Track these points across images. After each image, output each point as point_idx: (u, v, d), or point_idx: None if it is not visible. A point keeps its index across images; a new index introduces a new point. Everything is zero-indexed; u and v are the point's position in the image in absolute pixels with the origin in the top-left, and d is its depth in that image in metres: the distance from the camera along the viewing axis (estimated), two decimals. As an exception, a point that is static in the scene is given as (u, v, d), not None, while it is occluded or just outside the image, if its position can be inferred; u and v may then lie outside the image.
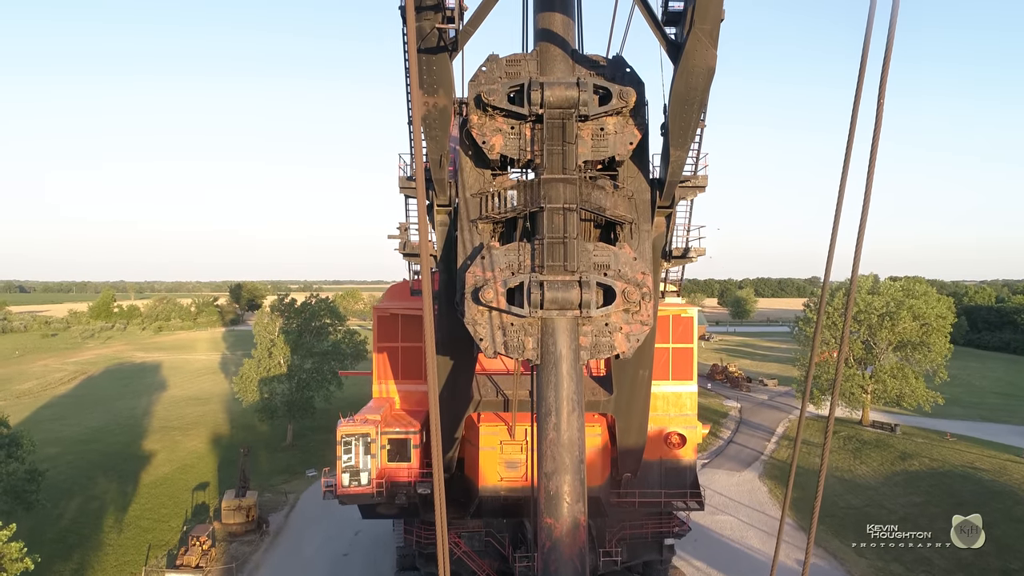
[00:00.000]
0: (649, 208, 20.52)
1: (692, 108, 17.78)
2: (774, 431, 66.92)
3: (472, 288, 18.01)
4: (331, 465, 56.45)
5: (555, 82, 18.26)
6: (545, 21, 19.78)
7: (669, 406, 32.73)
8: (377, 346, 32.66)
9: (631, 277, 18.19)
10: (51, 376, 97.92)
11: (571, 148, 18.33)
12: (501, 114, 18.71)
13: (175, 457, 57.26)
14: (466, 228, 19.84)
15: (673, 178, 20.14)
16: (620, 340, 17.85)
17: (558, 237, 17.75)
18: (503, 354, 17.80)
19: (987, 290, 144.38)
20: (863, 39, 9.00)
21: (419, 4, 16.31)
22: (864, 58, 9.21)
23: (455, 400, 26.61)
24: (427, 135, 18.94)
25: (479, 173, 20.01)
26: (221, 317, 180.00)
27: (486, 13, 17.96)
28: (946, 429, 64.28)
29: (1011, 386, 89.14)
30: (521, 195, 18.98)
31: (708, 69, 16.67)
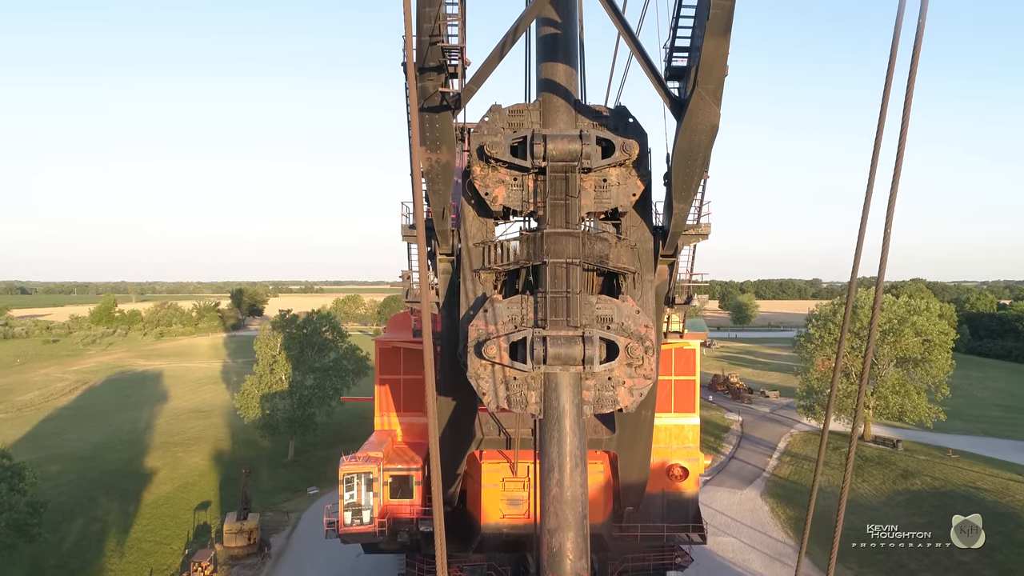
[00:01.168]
0: (652, 257, 20.50)
1: (695, 163, 17.76)
2: (776, 446, 66.79)
3: (475, 342, 18.01)
4: (332, 486, 56.54)
5: (557, 135, 18.22)
6: (548, 71, 19.75)
7: (671, 438, 32.70)
8: (379, 378, 32.66)
9: (634, 331, 18.18)
10: (52, 386, 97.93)
11: (574, 202, 18.30)
12: (504, 165, 18.67)
13: (176, 475, 57.23)
14: (469, 277, 19.82)
15: (676, 229, 20.11)
16: (623, 394, 17.86)
17: (561, 291, 17.72)
18: (506, 408, 17.81)
19: (989, 296, 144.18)
20: (891, 40, 8.79)
21: (421, 65, 16.30)
22: (892, 59, 8.96)
23: (457, 439, 26.60)
24: (429, 188, 18.90)
25: (482, 222, 19.99)
26: (222, 322, 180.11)
27: (489, 71, 17.89)
28: (948, 444, 64.23)
29: (1013, 397, 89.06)
30: (524, 248, 18.95)
31: (711, 127, 16.65)
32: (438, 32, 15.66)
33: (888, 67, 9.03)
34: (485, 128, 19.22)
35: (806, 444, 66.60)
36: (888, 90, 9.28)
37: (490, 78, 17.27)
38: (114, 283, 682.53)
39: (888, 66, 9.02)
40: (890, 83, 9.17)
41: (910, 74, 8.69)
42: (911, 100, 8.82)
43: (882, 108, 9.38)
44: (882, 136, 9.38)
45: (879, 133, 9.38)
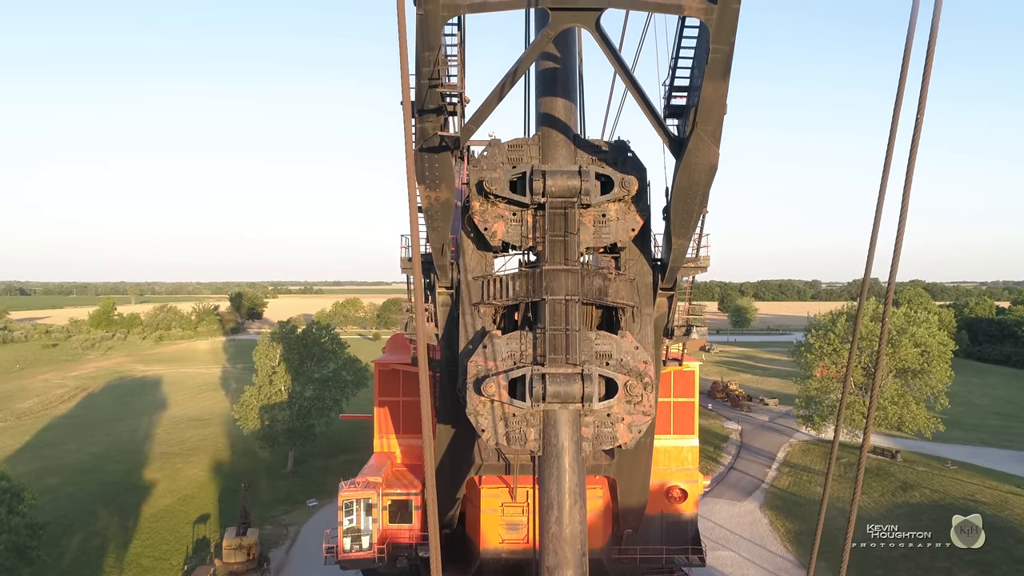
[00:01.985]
0: (651, 291, 20.52)
1: (694, 201, 17.76)
2: (775, 456, 66.84)
3: (474, 378, 18.03)
4: (331, 497, 56.52)
5: (557, 171, 18.23)
6: (547, 106, 19.76)
7: (671, 460, 32.73)
8: (378, 400, 32.65)
9: (633, 367, 18.20)
10: (52, 393, 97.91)
11: (573, 238, 18.30)
12: (503, 201, 18.68)
13: (176, 487, 57.23)
14: (468, 311, 19.84)
15: (675, 264, 20.12)
16: (622, 431, 17.90)
17: (560, 328, 17.72)
18: (505, 445, 17.85)
19: (988, 301, 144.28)
20: (904, 41, 8.57)
21: (420, 107, 16.31)
22: (906, 60, 8.69)
23: (456, 465, 26.61)
24: (428, 225, 18.91)
25: (481, 256, 20.00)
26: (222, 325, 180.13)
27: (489, 111, 17.84)
28: (947, 454, 64.31)
29: (1011, 405, 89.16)
30: (523, 283, 18.97)
31: (711, 166, 16.66)
32: (437, 76, 15.66)
33: (901, 69, 8.65)
34: (484, 163, 19.25)
35: (805, 454, 66.65)
36: (901, 94, 8.88)
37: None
38: (113, 283, 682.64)
39: (901, 68, 8.66)
40: (903, 85, 8.82)
41: (924, 76, 8.34)
42: (924, 103, 8.55)
43: (895, 111, 9.06)
44: (895, 140, 9.20)
45: (892, 137, 9.20)
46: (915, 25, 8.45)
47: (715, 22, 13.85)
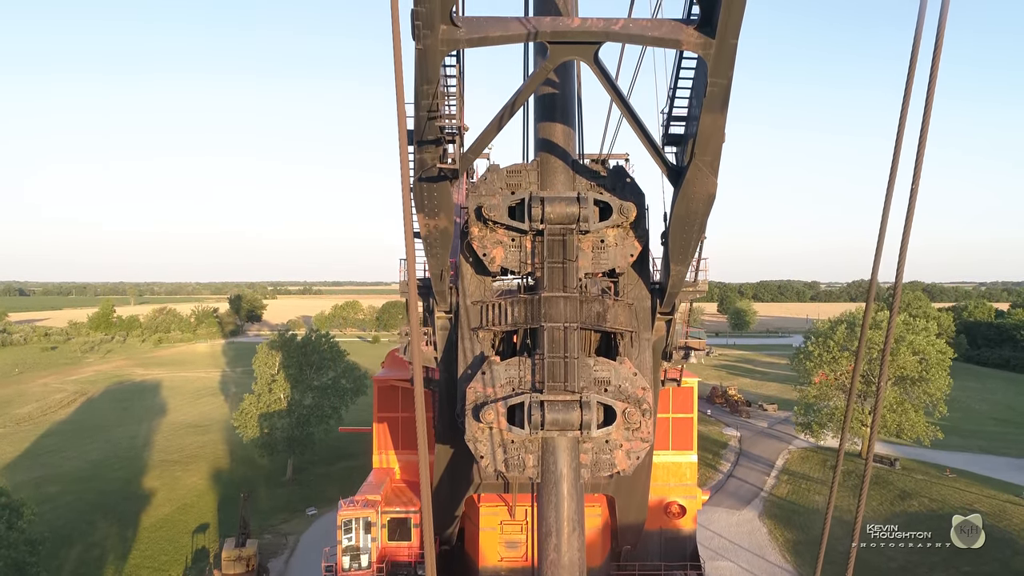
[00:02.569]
0: (649, 315, 20.58)
1: (692, 229, 17.82)
2: (774, 464, 66.88)
3: (473, 405, 18.09)
4: (330, 505, 56.52)
5: (555, 198, 18.27)
6: (546, 131, 19.79)
7: (669, 476, 32.79)
8: (377, 416, 32.69)
9: (631, 393, 18.25)
10: (51, 398, 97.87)
11: (571, 265, 18.33)
12: (502, 227, 18.72)
13: (175, 496, 57.24)
14: (467, 336, 19.89)
15: (673, 289, 20.17)
16: (621, 457, 17.96)
17: (559, 355, 17.78)
18: (503, 472, 17.91)
19: (987, 305, 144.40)
20: (912, 40, 8.43)
21: (419, 139, 16.36)
22: (913, 60, 8.57)
23: (455, 483, 26.66)
24: (427, 252, 18.97)
25: (480, 280, 20.03)
26: (221, 328, 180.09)
27: (488, 141, 17.90)
28: (945, 461, 64.42)
29: (1010, 411, 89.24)
30: (521, 309, 19.01)
31: (709, 196, 16.73)
32: (436, 108, 15.70)
33: (909, 69, 8.53)
34: (483, 188, 19.29)
35: (804, 462, 66.71)
36: (908, 95, 8.60)
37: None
38: (113, 283, 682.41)
39: (909, 68, 8.53)
40: (911, 86, 8.61)
41: (930, 78, 8.27)
42: (931, 104, 8.40)
43: (902, 113, 8.93)
44: (902, 142, 9.04)
45: (899, 139, 9.07)
46: (922, 26, 8.29)
47: (713, 57, 13.91)
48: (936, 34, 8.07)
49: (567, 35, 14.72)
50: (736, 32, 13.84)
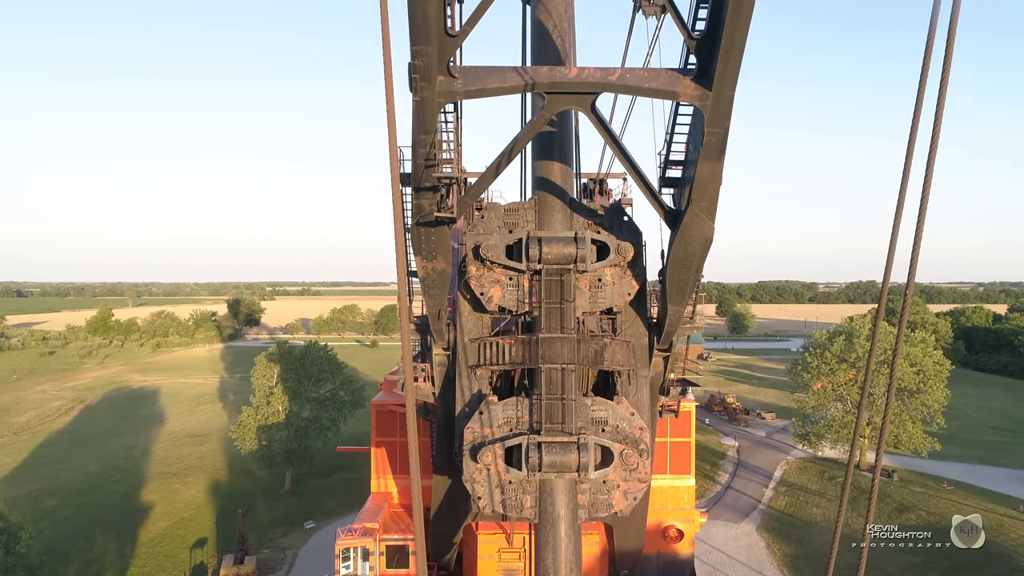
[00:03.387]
0: (647, 352, 20.56)
1: (690, 271, 17.85)
2: (772, 475, 66.95)
3: (471, 445, 18.11)
4: (329, 518, 56.55)
5: (552, 238, 18.28)
6: (544, 170, 19.79)
7: (667, 500, 32.76)
8: (375, 440, 32.65)
9: (629, 433, 18.28)
10: (49, 406, 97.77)
11: (569, 306, 18.35)
12: (499, 266, 18.74)
13: (173, 509, 57.20)
14: (464, 374, 19.89)
15: (671, 328, 20.18)
16: (618, 498, 17.99)
17: (556, 396, 17.81)
18: (501, 513, 17.96)
19: (984, 309, 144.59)
20: (925, 39, 8.22)
21: (417, 185, 16.39)
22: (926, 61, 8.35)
23: (453, 512, 26.67)
24: (425, 293, 19.01)
25: (477, 318, 20.03)
26: (219, 332, 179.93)
27: (485, 186, 17.95)
28: (943, 472, 64.53)
29: (1007, 419, 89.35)
30: (519, 349, 19.01)
31: (706, 240, 16.76)
32: (433, 157, 15.72)
33: (922, 69, 8.33)
34: (481, 227, 19.30)
35: (802, 473, 66.80)
36: (921, 97, 8.45)
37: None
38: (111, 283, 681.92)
39: (922, 68, 8.34)
40: (924, 87, 8.41)
41: (942, 79, 8.15)
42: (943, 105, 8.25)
43: (915, 114, 8.73)
44: (915, 144, 8.80)
45: (911, 141, 8.84)
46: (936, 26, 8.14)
47: (710, 108, 13.94)
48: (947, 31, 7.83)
49: (564, 86, 14.73)
50: (733, 84, 13.85)
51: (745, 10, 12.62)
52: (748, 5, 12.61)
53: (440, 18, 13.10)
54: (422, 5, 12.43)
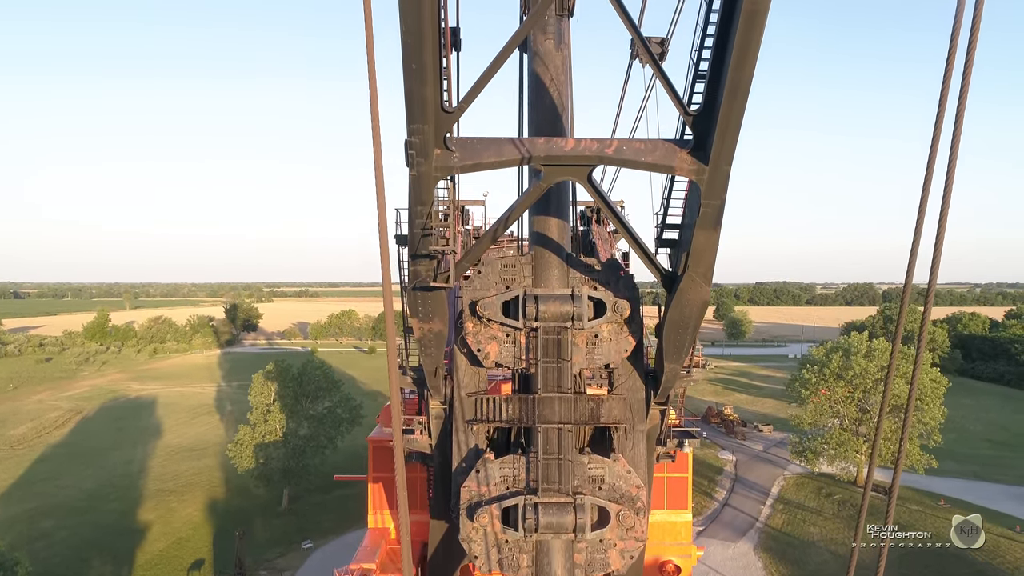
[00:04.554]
0: (644, 406, 20.56)
1: (686, 332, 17.89)
2: (769, 491, 67.03)
3: (467, 504, 18.16)
4: (326, 537, 56.46)
5: (549, 296, 18.28)
6: (540, 225, 19.78)
7: (664, 535, 32.75)
8: (372, 476, 32.58)
9: (625, 492, 18.34)
10: (46, 416, 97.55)
11: (566, 365, 18.38)
12: (496, 322, 18.76)
13: (170, 529, 57.11)
14: (461, 428, 19.88)
15: (667, 384, 20.21)
16: (615, 557, 18.02)
17: (553, 456, 17.86)
18: (498, 572, 18.00)
19: (981, 317, 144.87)
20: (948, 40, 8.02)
21: (413, 252, 16.41)
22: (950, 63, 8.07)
23: (449, 555, 26.63)
24: (421, 352, 18.98)
25: (474, 371, 20.02)
26: (216, 338, 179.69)
27: (482, 251, 18.08)
28: (940, 488, 64.68)
29: (1004, 432, 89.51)
30: (515, 407, 19.05)
31: (703, 303, 16.81)
32: (430, 227, 15.73)
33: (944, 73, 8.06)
34: (478, 282, 19.31)
35: (799, 489, 66.90)
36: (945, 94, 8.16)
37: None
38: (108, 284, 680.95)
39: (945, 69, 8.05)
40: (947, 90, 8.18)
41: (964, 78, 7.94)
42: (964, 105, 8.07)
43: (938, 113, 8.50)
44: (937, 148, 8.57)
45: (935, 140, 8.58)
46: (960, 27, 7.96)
47: (706, 182, 13.95)
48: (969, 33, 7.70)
49: (561, 159, 14.74)
50: (730, 159, 13.85)
51: (742, 92, 12.61)
52: (744, 87, 12.60)
53: (436, 97, 13.10)
54: (419, 87, 12.40)
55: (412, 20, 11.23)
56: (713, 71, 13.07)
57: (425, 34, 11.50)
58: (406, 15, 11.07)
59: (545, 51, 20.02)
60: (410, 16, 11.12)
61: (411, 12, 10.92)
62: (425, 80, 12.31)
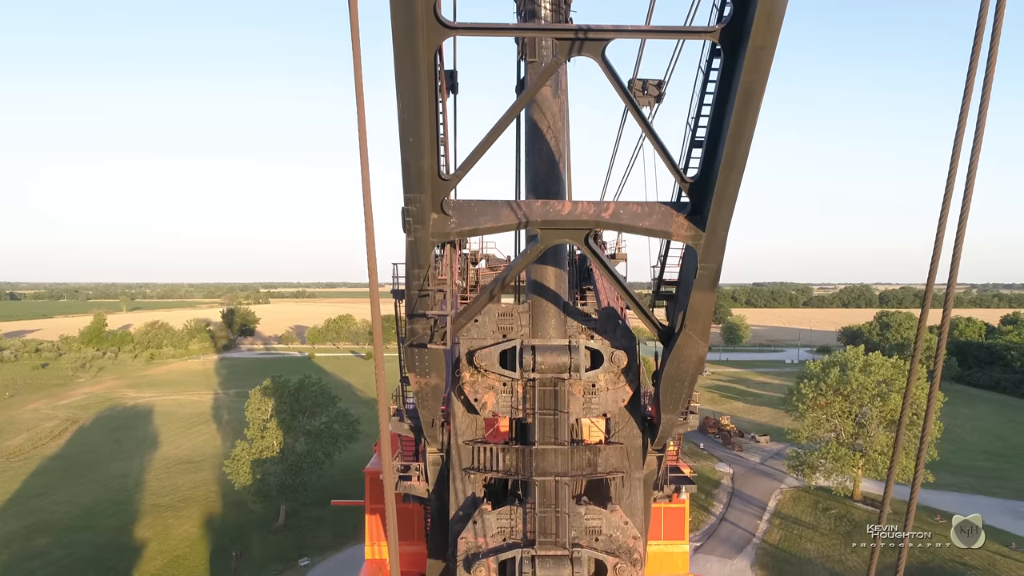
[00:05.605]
0: (641, 453, 20.59)
1: (683, 386, 17.95)
2: (766, 506, 67.12)
3: (464, 555, 18.18)
4: (323, 554, 56.34)
5: (546, 347, 18.30)
6: (538, 273, 19.79)
7: (661, 566, 32.82)
8: (369, 507, 32.61)
9: (622, 543, 18.41)
10: (42, 427, 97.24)
11: (563, 417, 18.39)
12: (493, 372, 18.77)
13: (167, 547, 56.97)
14: (458, 476, 19.88)
15: (664, 433, 20.26)
16: (611, 606, 18.10)
17: (550, 509, 17.89)
18: None
19: (977, 323, 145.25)
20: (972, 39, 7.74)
21: (410, 312, 16.42)
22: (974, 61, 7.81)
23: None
24: (419, 404, 19.00)
25: (472, 419, 20.03)
26: (213, 343, 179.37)
27: (479, 310, 18.09)
28: (936, 502, 64.77)
29: (1001, 442, 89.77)
30: (512, 458, 19.06)
31: (699, 359, 16.89)
32: (427, 289, 15.73)
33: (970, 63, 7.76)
34: (475, 331, 19.31)
35: (795, 504, 67.03)
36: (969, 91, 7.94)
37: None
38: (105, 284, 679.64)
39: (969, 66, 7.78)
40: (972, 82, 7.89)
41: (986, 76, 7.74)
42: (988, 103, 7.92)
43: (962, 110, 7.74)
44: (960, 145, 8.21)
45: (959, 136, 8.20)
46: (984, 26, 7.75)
47: (703, 247, 13.98)
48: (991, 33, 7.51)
49: (558, 223, 14.74)
50: (727, 225, 13.86)
51: (738, 164, 12.61)
52: (741, 160, 12.60)
53: (433, 166, 13.09)
54: (416, 159, 12.38)
55: (409, 96, 11.21)
56: (710, 141, 13.06)
57: (422, 109, 11.47)
58: (403, 92, 11.04)
59: (542, 98, 20.00)
60: (407, 93, 11.10)
61: (408, 89, 10.89)
62: (422, 153, 12.29)
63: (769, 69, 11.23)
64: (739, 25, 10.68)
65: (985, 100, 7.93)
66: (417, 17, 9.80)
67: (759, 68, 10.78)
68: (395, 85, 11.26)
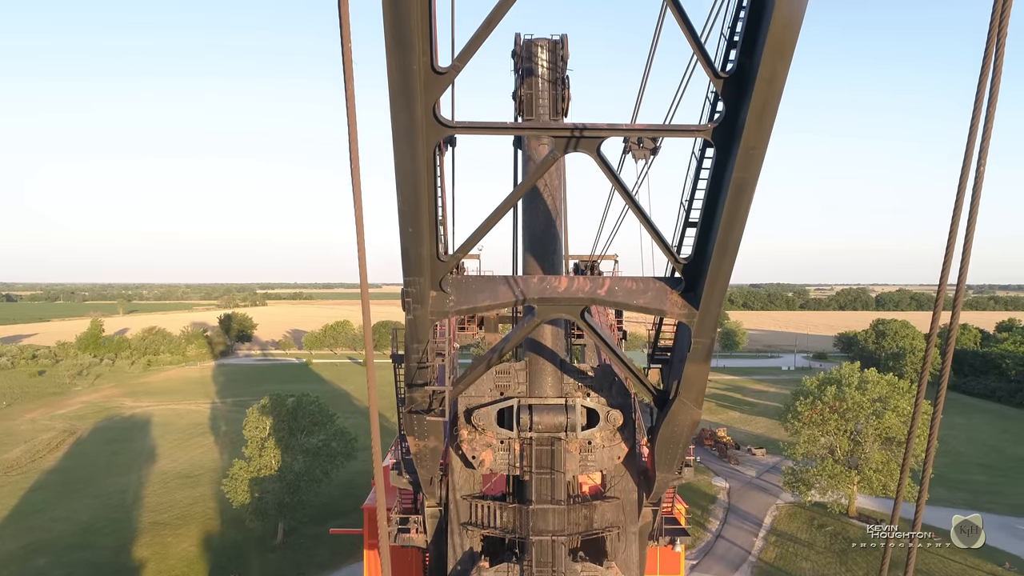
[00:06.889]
0: (636, 507, 20.93)
1: (677, 447, 18.29)
2: (762, 522, 67.46)
3: (462, 614, 18.48)
4: (321, 572, 56.52)
5: (543, 407, 18.60)
6: (534, 332, 20.08)
7: (657, 600, 33.13)
8: (368, 543, 32.87)
9: (618, 600, 18.71)
10: (39, 438, 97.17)
11: (560, 476, 18.70)
12: (491, 430, 19.06)
13: (165, 567, 57.08)
14: (456, 531, 20.17)
15: (659, 489, 20.63)
16: (607, 661, 18.41)
17: (546, 567, 18.19)
18: None
19: (972, 331, 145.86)
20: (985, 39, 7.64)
21: (410, 382, 16.74)
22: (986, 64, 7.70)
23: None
24: (418, 464, 19.28)
25: (469, 474, 20.32)
26: (211, 349, 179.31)
27: (476, 378, 18.42)
28: (930, 519, 64.42)
29: (996, 455, 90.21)
30: (510, 516, 19.35)
31: (693, 423, 17.24)
32: (425, 361, 16.02)
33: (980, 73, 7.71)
34: (473, 389, 19.58)
35: (791, 520, 67.38)
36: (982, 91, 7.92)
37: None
38: (102, 285, 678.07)
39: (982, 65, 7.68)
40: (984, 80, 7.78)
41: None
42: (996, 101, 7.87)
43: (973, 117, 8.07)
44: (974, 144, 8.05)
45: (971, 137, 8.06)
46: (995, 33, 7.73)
47: (696, 323, 14.27)
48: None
49: (554, 301, 15.02)
50: (720, 302, 14.16)
51: (731, 249, 12.92)
52: (734, 245, 12.92)
53: (432, 251, 13.36)
54: (415, 247, 12.68)
55: (409, 191, 11.48)
56: (703, 225, 13.34)
57: (421, 202, 11.76)
58: (403, 187, 11.32)
59: (539, 156, 20.28)
60: (407, 187, 11.37)
61: (408, 184, 11.17)
62: (421, 242, 12.59)
63: (760, 167, 11.50)
64: (731, 124, 10.96)
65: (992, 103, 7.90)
66: (417, 119, 10.07)
67: (750, 166, 11.06)
68: (395, 179, 11.52)
